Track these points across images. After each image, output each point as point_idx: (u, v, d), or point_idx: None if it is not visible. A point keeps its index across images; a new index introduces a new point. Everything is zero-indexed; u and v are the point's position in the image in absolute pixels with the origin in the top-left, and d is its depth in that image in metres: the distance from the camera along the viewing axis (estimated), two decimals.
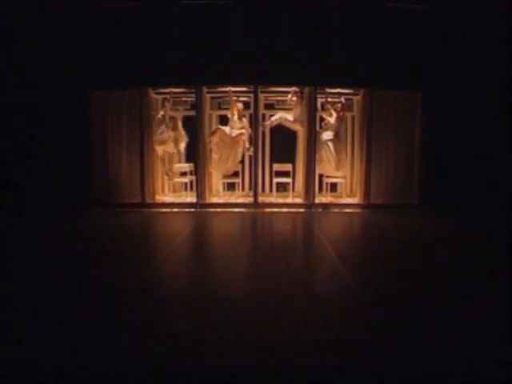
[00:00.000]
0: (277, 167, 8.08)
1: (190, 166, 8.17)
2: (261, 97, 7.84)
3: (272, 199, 7.97)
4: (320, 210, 7.50)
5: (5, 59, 7.01)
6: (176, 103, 8.13)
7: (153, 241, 5.67)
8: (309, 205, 7.55)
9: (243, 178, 8.21)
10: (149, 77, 7.38)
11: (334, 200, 7.93)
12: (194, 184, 7.81)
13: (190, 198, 7.82)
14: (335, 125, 7.75)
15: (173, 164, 8.22)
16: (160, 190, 8.13)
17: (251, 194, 7.75)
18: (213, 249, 5.21)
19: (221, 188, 8.32)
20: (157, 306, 3.02)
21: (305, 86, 7.50)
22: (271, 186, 8.30)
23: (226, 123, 7.89)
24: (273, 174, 8.13)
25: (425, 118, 7.46)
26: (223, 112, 8.46)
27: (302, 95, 7.59)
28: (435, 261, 4.30)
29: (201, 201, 7.59)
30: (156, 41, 7.35)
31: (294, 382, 2.13)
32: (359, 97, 7.75)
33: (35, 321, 2.72)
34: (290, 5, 7.38)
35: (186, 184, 8.16)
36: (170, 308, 3.00)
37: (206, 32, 7.34)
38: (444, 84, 7.32)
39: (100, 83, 7.33)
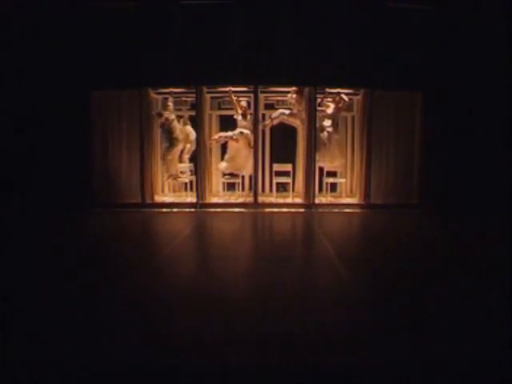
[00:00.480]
0: (277, 167, 8.08)
1: (190, 166, 8.18)
2: (261, 97, 7.85)
3: (272, 199, 7.97)
4: (313, 210, 7.49)
5: (5, 59, 7.01)
6: (177, 103, 8.12)
7: (153, 241, 5.67)
8: (309, 205, 7.55)
9: (243, 178, 8.21)
10: (149, 77, 7.38)
11: (334, 200, 7.94)
12: (194, 184, 7.82)
13: (190, 198, 7.83)
14: (332, 114, 7.79)
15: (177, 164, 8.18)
16: (160, 190, 8.13)
17: (251, 194, 7.76)
18: (213, 248, 5.21)
19: (221, 188, 8.33)
20: (157, 306, 3.02)
21: (305, 86, 7.51)
22: (271, 186, 8.31)
23: (229, 124, 7.89)
24: (273, 174, 8.14)
25: (425, 118, 7.47)
26: (223, 112, 8.48)
27: (302, 93, 7.58)
28: (435, 261, 4.29)
29: (201, 201, 7.59)
30: (156, 41, 7.36)
31: (294, 382, 2.13)
32: (359, 97, 7.75)
33: (35, 321, 2.72)
34: (290, 5, 7.39)
35: (186, 184, 8.17)
36: (170, 307, 3.00)
37: (206, 32, 7.34)
38: (444, 84, 7.32)
39: (100, 83, 7.33)
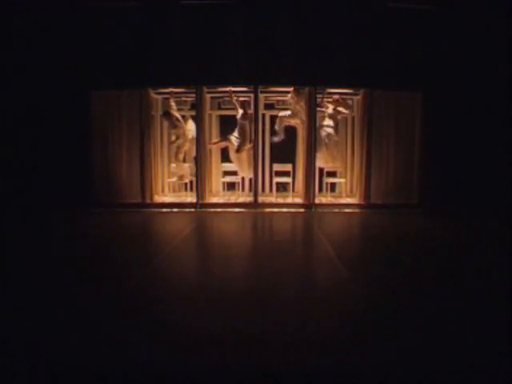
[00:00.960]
0: (277, 167, 8.08)
1: (190, 166, 8.17)
2: (261, 97, 7.85)
3: (272, 199, 7.97)
4: (313, 210, 7.49)
5: (5, 59, 7.01)
6: (177, 103, 8.11)
7: (153, 240, 5.67)
8: (309, 205, 7.55)
9: (243, 178, 8.21)
10: (149, 77, 7.38)
11: (334, 200, 7.94)
12: (194, 184, 7.82)
13: (190, 198, 7.83)
14: (332, 115, 7.82)
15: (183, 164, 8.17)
16: (160, 190, 8.13)
17: (251, 194, 7.76)
18: (212, 248, 5.21)
19: (221, 188, 8.33)
20: (157, 305, 3.02)
21: (304, 86, 7.51)
22: (271, 186, 8.31)
23: (230, 124, 7.91)
24: (273, 174, 8.14)
25: (425, 118, 7.47)
26: (223, 112, 8.48)
27: (301, 92, 7.57)
28: (434, 261, 4.29)
29: (201, 201, 7.59)
30: (156, 41, 7.36)
31: (294, 382, 2.13)
32: (359, 97, 7.75)
33: (35, 321, 2.72)
34: (290, 5, 7.39)
35: (186, 184, 8.16)
36: (170, 307, 3.00)
37: (206, 32, 7.34)
38: (444, 84, 7.32)
39: (100, 83, 7.33)
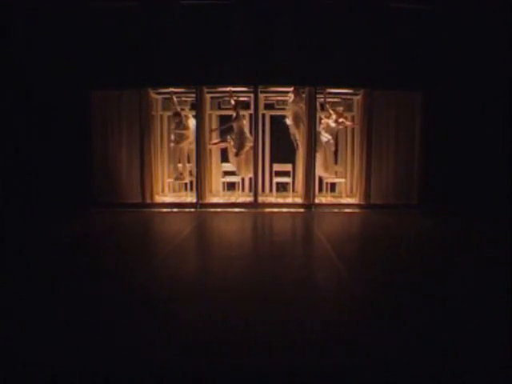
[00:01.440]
0: (277, 167, 8.08)
1: (190, 166, 8.17)
2: (261, 97, 7.85)
3: (272, 199, 7.97)
4: (313, 210, 7.49)
5: (5, 59, 7.00)
6: (178, 103, 8.09)
7: (153, 240, 5.67)
8: (309, 205, 7.55)
9: (243, 178, 8.20)
10: (149, 77, 7.38)
11: (334, 200, 7.94)
12: (194, 184, 7.81)
13: (190, 198, 7.83)
14: (334, 128, 7.80)
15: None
16: (160, 190, 8.13)
17: (251, 194, 7.75)
18: (212, 248, 5.21)
19: (221, 188, 8.33)
20: (156, 305, 3.02)
21: (304, 86, 7.50)
22: (271, 186, 8.31)
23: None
24: (273, 174, 8.13)
25: (425, 118, 7.47)
26: (223, 112, 8.47)
27: (301, 92, 7.57)
28: (434, 261, 4.29)
29: (201, 201, 7.59)
30: (156, 41, 7.35)
31: (294, 382, 2.13)
32: (359, 97, 7.75)
33: (35, 321, 2.72)
34: (290, 5, 7.38)
35: (186, 184, 8.16)
36: (170, 307, 3.00)
37: (206, 32, 7.33)
38: (444, 84, 7.32)
39: (100, 83, 7.33)
